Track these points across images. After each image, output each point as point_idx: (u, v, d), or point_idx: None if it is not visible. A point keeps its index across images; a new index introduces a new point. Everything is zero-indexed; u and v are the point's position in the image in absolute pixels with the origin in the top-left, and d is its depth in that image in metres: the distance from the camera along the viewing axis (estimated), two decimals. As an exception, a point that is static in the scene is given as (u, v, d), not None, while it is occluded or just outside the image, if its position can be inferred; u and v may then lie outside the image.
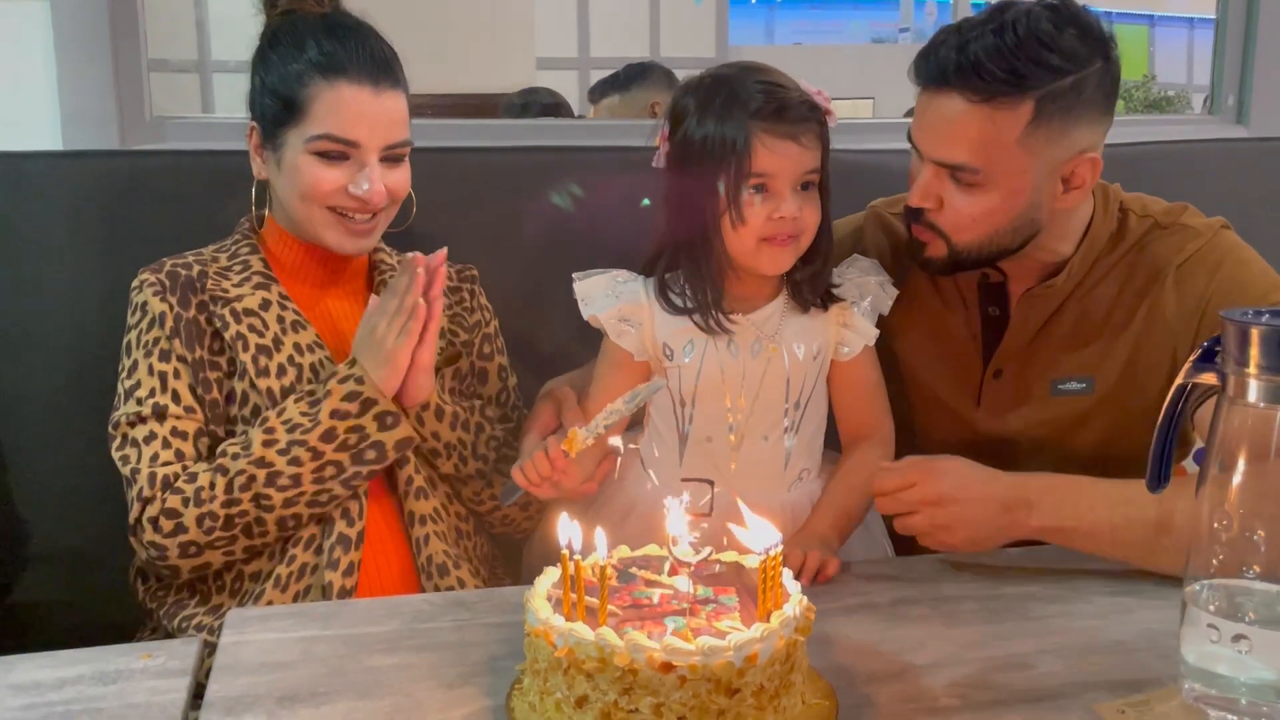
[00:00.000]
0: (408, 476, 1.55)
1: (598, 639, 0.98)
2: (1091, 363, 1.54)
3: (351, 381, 1.47)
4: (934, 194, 1.46)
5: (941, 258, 1.50)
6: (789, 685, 1.03)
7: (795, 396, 1.50)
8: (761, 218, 1.41)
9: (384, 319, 1.46)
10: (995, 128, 1.39)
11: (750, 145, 1.39)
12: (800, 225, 1.42)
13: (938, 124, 1.43)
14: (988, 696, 1.12)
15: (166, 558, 1.46)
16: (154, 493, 1.45)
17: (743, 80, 1.42)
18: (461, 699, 1.10)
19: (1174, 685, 1.11)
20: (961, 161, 1.42)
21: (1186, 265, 1.51)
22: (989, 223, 1.46)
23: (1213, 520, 1.05)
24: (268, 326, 1.54)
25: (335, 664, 1.16)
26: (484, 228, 1.93)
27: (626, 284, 1.52)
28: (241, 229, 1.63)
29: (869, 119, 2.79)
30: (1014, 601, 1.33)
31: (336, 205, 1.53)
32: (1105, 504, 1.35)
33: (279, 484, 1.44)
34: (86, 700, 1.09)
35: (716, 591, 1.09)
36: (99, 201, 1.82)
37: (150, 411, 1.48)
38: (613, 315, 1.50)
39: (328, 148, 1.50)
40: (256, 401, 1.51)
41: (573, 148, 2.20)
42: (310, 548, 1.49)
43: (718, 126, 1.41)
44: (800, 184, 1.42)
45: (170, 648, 1.21)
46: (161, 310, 1.52)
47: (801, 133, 1.40)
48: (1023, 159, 1.41)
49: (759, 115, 1.39)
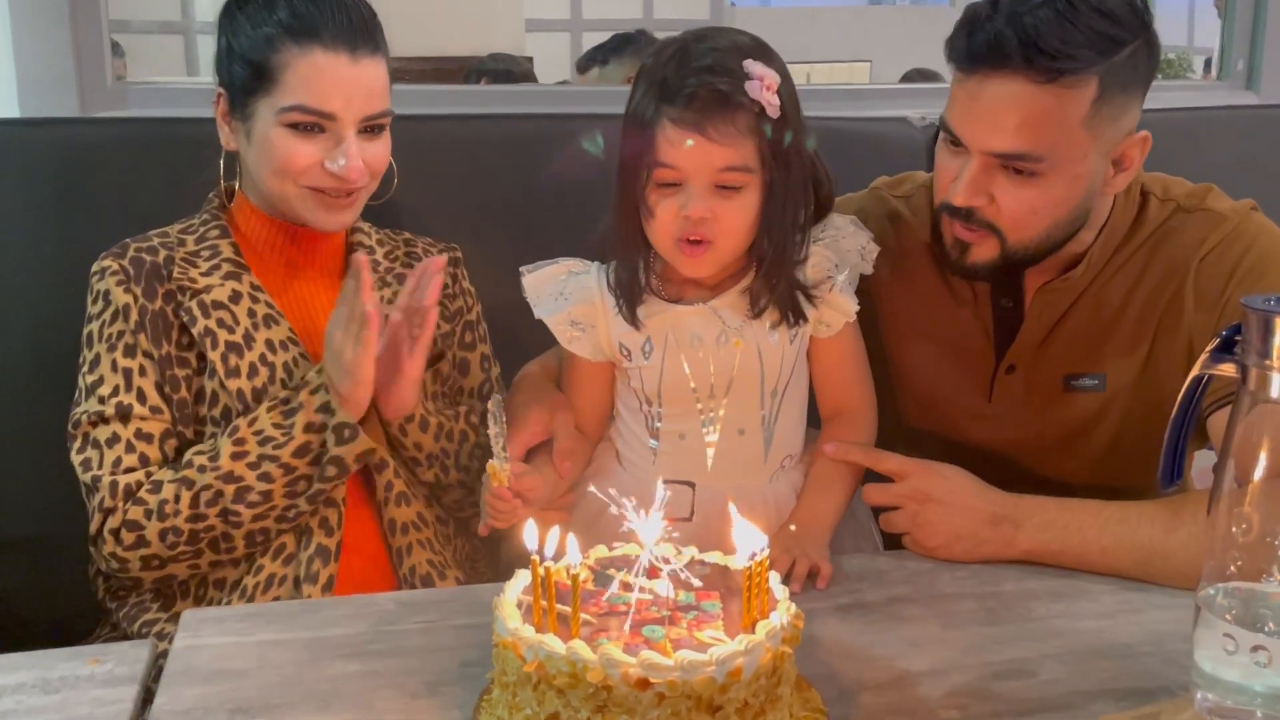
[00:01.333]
0: (387, 482, 1.46)
1: (569, 653, 0.91)
2: (1106, 358, 1.45)
3: (322, 393, 1.38)
4: (984, 189, 1.33)
5: (991, 260, 1.38)
6: (775, 700, 0.96)
7: (772, 385, 1.39)
8: (669, 214, 1.29)
9: (338, 329, 1.36)
10: (1061, 110, 1.28)
11: (655, 133, 1.27)
12: (713, 230, 1.28)
13: (994, 110, 1.30)
14: (987, 708, 1.05)
15: (128, 570, 1.38)
16: (115, 503, 1.37)
17: (677, 54, 1.29)
18: (425, 711, 1.03)
19: (1185, 695, 1.05)
20: (1022, 150, 1.30)
21: (1210, 256, 1.40)
22: (1050, 215, 1.35)
23: (1230, 523, 0.98)
24: (238, 321, 1.44)
25: (293, 672, 1.09)
26: (466, 200, 1.85)
27: (578, 277, 1.41)
28: (210, 207, 1.53)
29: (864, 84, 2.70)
30: (1013, 600, 1.26)
31: (311, 183, 1.43)
32: (1095, 525, 1.31)
33: (249, 500, 1.36)
34: (25, 712, 1.03)
35: (699, 597, 1.03)
36: (58, 172, 1.74)
37: (114, 411, 1.40)
38: (562, 320, 1.40)
39: (301, 119, 1.40)
40: (227, 402, 1.42)
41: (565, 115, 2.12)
42: (279, 557, 1.41)
43: (639, 105, 1.29)
44: (715, 183, 1.28)
45: (120, 652, 1.14)
46: (125, 302, 1.42)
47: (714, 125, 1.25)
48: (1086, 142, 1.31)
49: (666, 98, 1.26)
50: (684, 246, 1.30)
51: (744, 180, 1.28)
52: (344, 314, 1.36)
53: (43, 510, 1.69)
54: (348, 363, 1.35)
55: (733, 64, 1.26)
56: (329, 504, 1.42)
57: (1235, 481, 0.98)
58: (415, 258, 1.59)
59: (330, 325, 1.38)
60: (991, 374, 1.49)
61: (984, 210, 1.34)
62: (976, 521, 1.33)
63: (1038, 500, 1.34)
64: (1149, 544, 1.29)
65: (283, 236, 1.51)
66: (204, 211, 1.53)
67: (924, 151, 2.02)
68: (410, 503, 1.48)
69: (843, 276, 1.39)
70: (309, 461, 1.37)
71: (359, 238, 1.57)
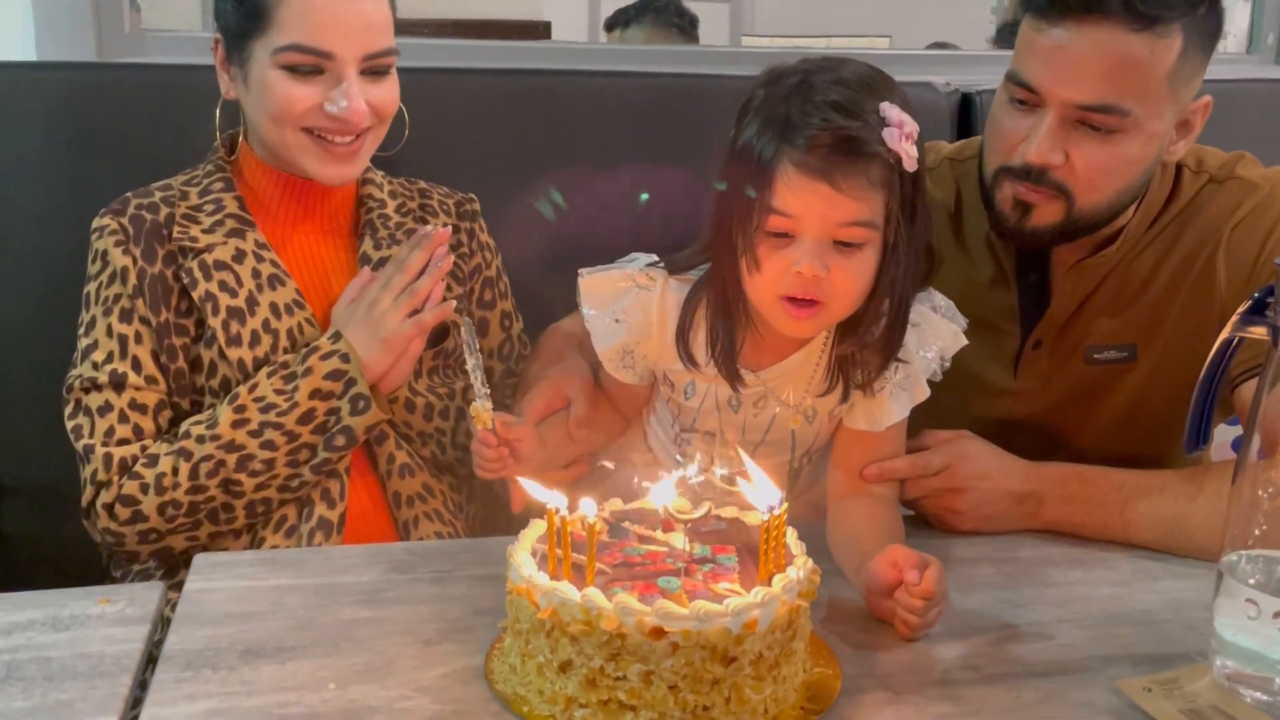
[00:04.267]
0: (388, 454, 1.43)
1: (584, 600, 0.91)
2: (1133, 331, 1.42)
3: (336, 359, 1.34)
4: (1060, 146, 1.28)
5: (1054, 224, 1.33)
6: (790, 653, 0.95)
7: (804, 449, 1.31)
8: (778, 268, 1.13)
9: (387, 294, 1.33)
10: (1153, 59, 1.24)
11: (774, 176, 1.11)
12: (826, 290, 1.13)
13: (1083, 58, 1.24)
14: (1003, 669, 1.04)
15: (124, 544, 1.36)
16: (109, 476, 1.34)
17: (800, 87, 1.12)
18: (438, 657, 1.02)
19: (1204, 661, 1.04)
20: (1110, 101, 1.25)
21: (1242, 224, 1.37)
22: (1123, 175, 1.31)
23: (1255, 488, 0.97)
24: (241, 283, 1.40)
25: (305, 616, 1.09)
26: (485, 150, 1.82)
27: (639, 295, 1.25)
28: (214, 157, 1.48)
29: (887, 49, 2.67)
30: (1031, 566, 1.25)
31: (312, 126, 1.38)
32: (1118, 498, 1.30)
33: (250, 468, 1.33)
34: (35, 648, 1.02)
35: (715, 550, 1.02)
36: (74, 116, 1.72)
37: (107, 379, 1.36)
38: (614, 351, 1.27)
39: (298, 60, 1.35)
40: (226, 373, 1.38)
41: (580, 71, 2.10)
42: (281, 530, 1.38)
43: (755, 139, 1.13)
44: (834, 239, 1.12)
45: (131, 592, 1.13)
46: (124, 264, 1.38)
47: (844, 175, 1.09)
48: (1165, 98, 1.27)
49: (790, 139, 1.10)
50: (788, 304, 1.15)
51: (866, 237, 1.13)
52: (399, 281, 1.32)
53: (54, 458, 1.66)
54: (387, 334, 1.33)
55: (867, 105, 1.11)
56: (332, 475, 1.39)
57: (1262, 445, 0.97)
58: (430, 210, 1.55)
59: (369, 288, 1.35)
60: (1018, 350, 1.47)
61: (1057, 170, 1.30)
62: (1004, 504, 1.31)
63: (1060, 473, 1.32)
64: (1171, 516, 1.28)
65: (287, 189, 1.46)
66: (208, 162, 1.48)
67: (949, 118, 2.00)
68: (415, 474, 1.45)
69: (899, 377, 1.24)
70: (313, 429, 1.34)
71: (370, 190, 1.51)
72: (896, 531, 1.24)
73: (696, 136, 1.88)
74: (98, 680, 0.97)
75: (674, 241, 1.53)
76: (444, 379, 1.51)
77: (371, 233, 1.48)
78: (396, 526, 1.44)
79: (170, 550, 1.39)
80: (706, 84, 1.98)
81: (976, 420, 1.39)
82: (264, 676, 0.98)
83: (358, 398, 1.35)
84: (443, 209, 1.57)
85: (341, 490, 1.40)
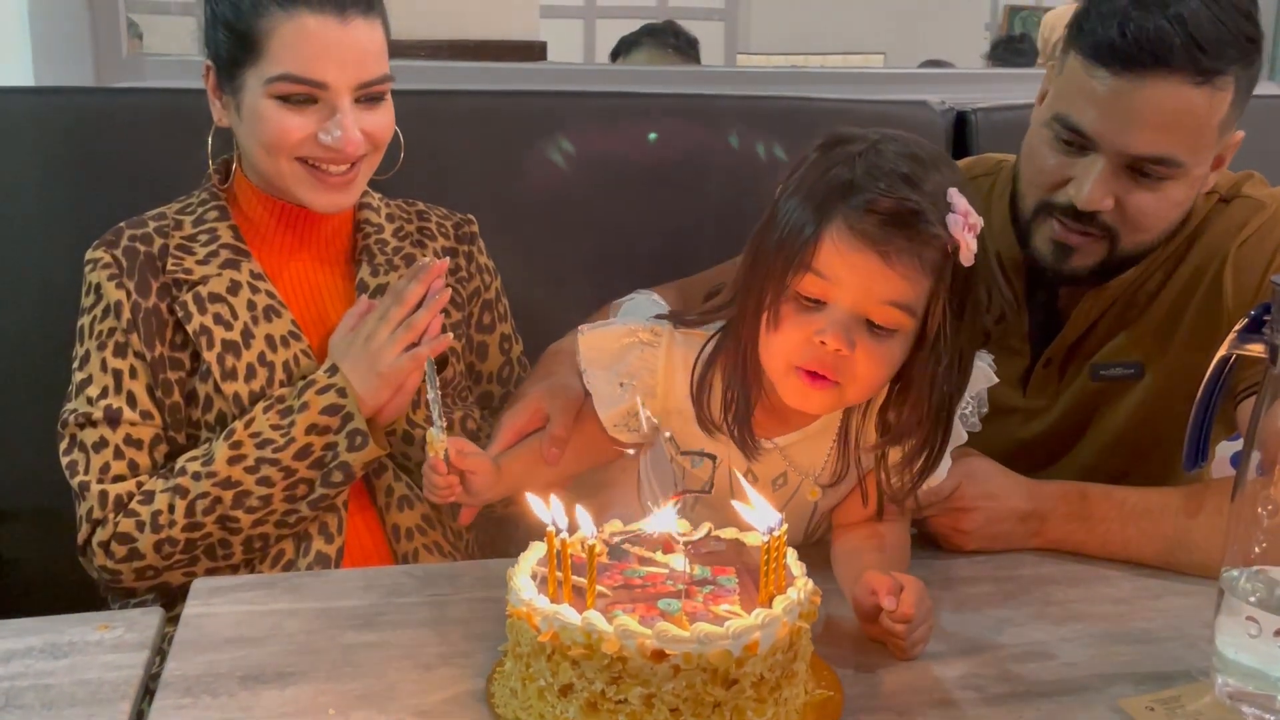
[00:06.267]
0: (386, 486, 1.42)
1: (584, 623, 0.90)
2: (1140, 348, 1.42)
3: (333, 393, 1.33)
4: (1110, 192, 1.28)
5: (1095, 264, 1.33)
6: (791, 675, 0.95)
7: (821, 514, 1.26)
8: (801, 334, 1.07)
9: (384, 327, 1.32)
10: (1209, 111, 1.23)
11: (821, 234, 1.05)
12: (845, 371, 1.07)
13: (1143, 111, 1.23)
14: (1004, 689, 1.04)
15: (120, 581, 1.35)
16: (105, 514, 1.33)
17: (873, 151, 1.07)
18: (439, 682, 1.02)
19: (1206, 680, 1.04)
20: (1165, 154, 1.24)
21: (1249, 241, 1.37)
22: (1168, 218, 1.31)
23: (1255, 505, 0.97)
24: (236, 315, 1.38)
25: (305, 641, 1.08)
26: (483, 176, 1.83)
27: (643, 353, 1.19)
28: (208, 184, 1.47)
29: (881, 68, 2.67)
30: (1031, 584, 1.25)
31: (306, 156, 1.37)
32: (1118, 517, 1.30)
33: (247, 505, 1.32)
34: (34, 676, 1.01)
35: (715, 572, 1.01)
36: (72, 141, 1.72)
37: (102, 415, 1.35)
38: (618, 416, 1.21)
39: (290, 90, 1.33)
40: (221, 407, 1.37)
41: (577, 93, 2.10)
42: (279, 565, 1.37)
43: (809, 196, 1.07)
44: (868, 317, 1.06)
45: (130, 618, 1.13)
46: (118, 299, 1.37)
47: (897, 249, 1.03)
48: (1214, 143, 1.27)
49: (848, 199, 1.04)
50: (801, 374, 1.09)
51: (902, 323, 1.06)
52: (396, 314, 1.31)
53: (51, 483, 1.66)
54: (384, 368, 1.32)
55: (935, 187, 1.05)
56: (329, 509, 1.38)
57: (1261, 462, 0.97)
58: (428, 233, 1.54)
59: (365, 320, 1.34)
60: (1026, 369, 1.47)
61: (1105, 213, 1.29)
62: (1009, 524, 1.31)
63: (1062, 490, 1.33)
64: (1172, 534, 1.28)
65: (282, 217, 1.44)
66: (202, 190, 1.47)
67: (944, 136, 2.00)
68: (414, 505, 1.43)
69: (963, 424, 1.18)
70: (310, 464, 1.33)
71: (366, 214, 1.50)
72: (896, 547, 1.22)
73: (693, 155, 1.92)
74: (96, 708, 0.97)
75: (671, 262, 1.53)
76: (443, 409, 1.50)
77: (369, 259, 1.47)
78: (396, 559, 1.42)
79: (168, 585, 1.37)
80: (702, 104, 1.99)
81: (984, 437, 1.39)
82: (264, 702, 0.98)
83: (355, 433, 1.33)
84: (441, 231, 1.56)
85: (339, 524, 1.39)
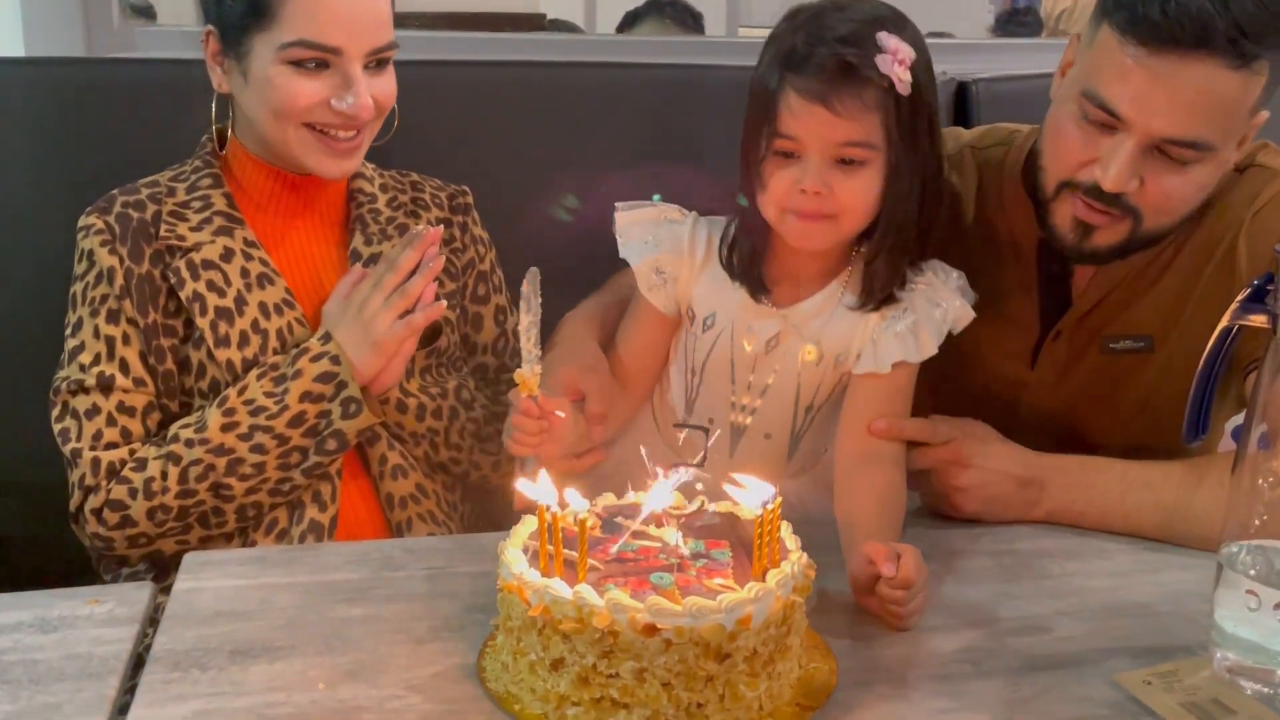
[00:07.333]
0: (380, 455, 1.42)
1: (575, 597, 0.89)
2: (1151, 321, 1.39)
3: (327, 361, 1.33)
4: (1138, 174, 1.24)
5: (1117, 244, 1.30)
6: (785, 649, 0.94)
7: (808, 400, 1.33)
8: (783, 186, 1.22)
9: (378, 294, 1.31)
10: (1244, 95, 1.20)
11: (778, 102, 1.20)
12: (831, 205, 1.21)
13: (1178, 92, 1.19)
14: (1000, 663, 1.03)
15: (113, 548, 1.35)
16: (97, 481, 1.32)
17: (810, 21, 1.21)
18: (429, 656, 1.01)
19: (1204, 654, 1.03)
20: (1198, 138, 1.21)
21: (1263, 212, 1.34)
22: (1193, 200, 1.28)
23: (1256, 478, 0.96)
24: (230, 282, 1.38)
25: (295, 615, 1.08)
26: (478, 147, 1.81)
27: (672, 227, 1.35)
28: (202, 152, 1.46)
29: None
30: (1028, 558, 1.24)
31: (316, 122, 1.36)
32: (1119, 486, 1.29)
33: (240, 472, 1.32)
34: (23, 650, 1.01)
35: (708, 545, 1.01)
36: (63, 112, 1.70)
37: (95, 382, 1.34)
38: (648, 266, 1.34)
39: (304, 55, 1.32)
40: (215, 374, 1.36)
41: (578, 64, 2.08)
42: (272, 533, 1.37)
43: (764, 72, 1.23)
44: (836, 158, 1.20)
45: (120, 593, 1.12)
46: (110, 265, 1.36)
47: (839, 96, 1.17)
48: (1244, 126, 1.25)
49: (792, 67, 1.20)
50: (796, 218, 1.23)
51: (866, 156, 1.21)
52: (389, 281, 1.30)
53: (47, 458, 1.66)
54: (378, 335, 1.31)
55: (866, 35, 1.19)
56: (323, 477, 1.38)
57: (1265, 435, 0.95)
58: (422, 204, 1.54)
59: (359, 288, 1.33)
60: (1036, 342, 1.44)
61: (1130, 194, 1.26)
62: (1008, 486, 1.30)
63: (1062, 460, 1.32)
64: (1172, 506, 1.27)
65: (281, 185, 1.44)
66: (196, 158, 1.46)
67: (945, 107, 1.98)
68: (408, 475, 1.43)
69: (903, 324, 1.28)
70: (304, 432, 1.33)
71: (360, 184, 1.49)
72: (895, 504, 1.24)
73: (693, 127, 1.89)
74: (85, 682, 0.96)
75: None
76: (436, 378, 1.49)
77: (362, 228, 1.47)
78: (390, 528, 1.42)
79: (160, 554, 1.37)
80: (703, 75, 1.97)
81: (993, 412, 1.37)
82: (253, 677, 0.97)
83: (349, 401, 1.33)
84: (435, 201, 1.55)
85: (333, 493, 1.38)
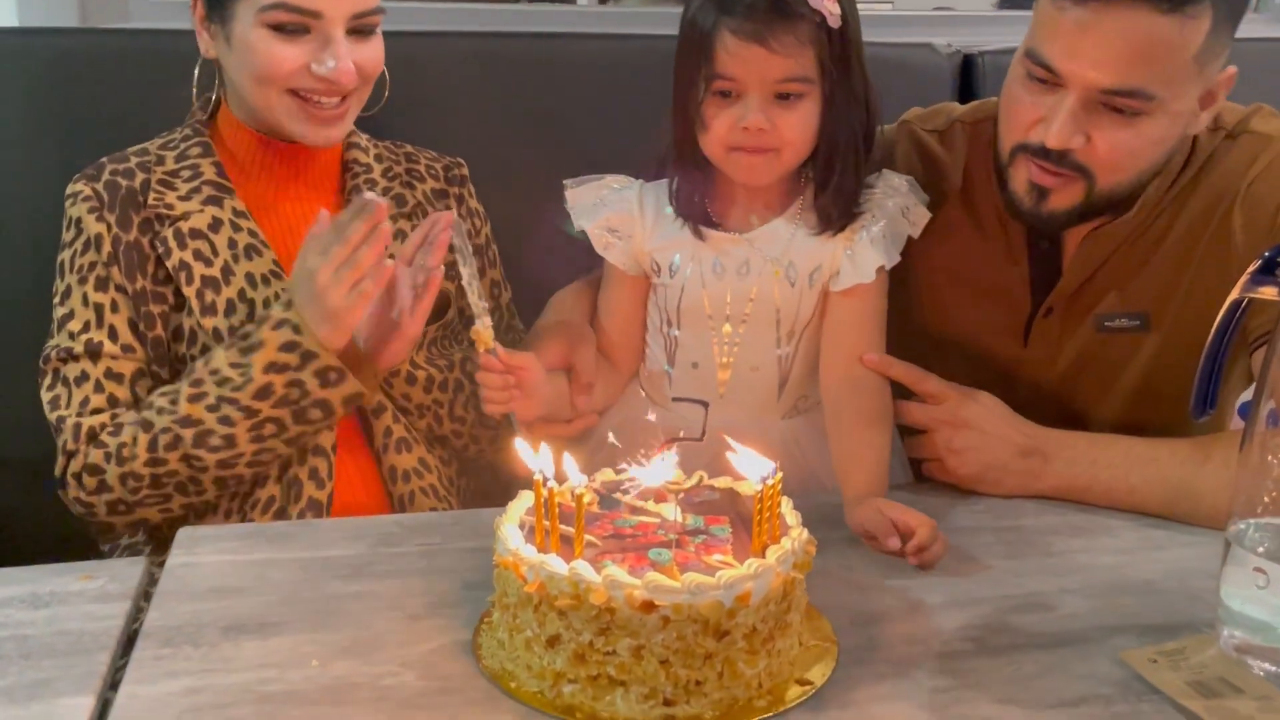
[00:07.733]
0: (385, 428, 1.40)
1: (571, 573, 0.88)
2: (1146, 298, 1.37)
3: (289, 329, 1.27)
4: (1081, 129, 1.23)
5: (1072, 206, 1.29)
6: (785, 627, 0.93)
7: (789, 326, 1.34)
8: (725, 126, 1.25)
9: (328, 267, 1.24)
10: (1181, 41, 1.18)
11: (713, 44, 1.23)
12: (774, 139, 1.25)
13: (1108, 41, 1.18)
14: (1003, 641, 1.02)
15: (95, 514, 1.34)
16: (77, 445, 1.31)
17: None
18: (425, 632, 1.00)
19: (1210, 632, 1.01)
20: (1135, 86, 1.19)
21: (1259, 179, 1.31)
22: (1147, 157, 1.26)
23: (1266, 454, 0.94)
24: (217, 252, 1.36)
25: (289, 591, 1.06)
26: (473, 120, 1.79)
27: (619, 191, 1.39)
28: (192, 120, 1.44)
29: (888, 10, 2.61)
30: (1033, 535, 1.23)
31: (298, 87, 1.34)
32: (1124, 462, 1.28)
33: (210, 444, 1.28)
34: (13, 626, 1.00)
35: (707, 521, 0.99)
36: (57, 83, 1.69)
37: (83, 349, 1.33)
38: (600, 226, 1.37)
39: (284, 19, 1.31)
40: (205, 342, 1.34)
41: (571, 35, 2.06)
42: (269, 512, 1.34)
43: (696, 14, 1.25)
44: (775, 94, 1.24)
45: (113, 568, 1.11)
46: (98, 232, 1.35)
47: (774, 34, 1.21)
48: (1193, 78, 1.22)
49: (724, 9, 1.23)
50: (740, 154, 1.27)
51: (803, 90, 1.25)
52: (338, 254, 1.23)
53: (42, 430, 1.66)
54: (332, 307, 1.25)
55: None
56: (318, 453, 1.35)
57: (1274, 411, 0.94)
58: (416, 174, 1.52)
59: (307, 256, 1.26)
60: (1028, 318, 1.42)
61: (1078, 152, 1.24)
62: (1008, 452, 1.29)
63: (1068, 435, 1.30)
64: (1178, 483, 1.25)
65: (270, 153, 1.42)
66: (185, 126, 1.44)
67: (950, 79, 1.95)
68: (411, 448, 1.41)
69: (876, 228, 1.31)
70: (275, 403, 1.28)
71: (355, 154, 1.47)
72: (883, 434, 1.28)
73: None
74: (75, 658, 0.95)
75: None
76: (443, 350, 1.48)
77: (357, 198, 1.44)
78: (391, 502, 1.40)
79: (147, 522, 1.36)
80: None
81: (985, 387, 1.35)
82: (245, 653, 0.96)
83: (325, 370, 1.28)
84: (430, 173, 1.53)
85: (329, 469, 1.36)
